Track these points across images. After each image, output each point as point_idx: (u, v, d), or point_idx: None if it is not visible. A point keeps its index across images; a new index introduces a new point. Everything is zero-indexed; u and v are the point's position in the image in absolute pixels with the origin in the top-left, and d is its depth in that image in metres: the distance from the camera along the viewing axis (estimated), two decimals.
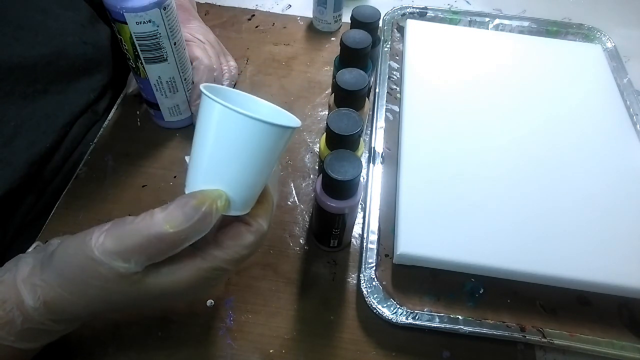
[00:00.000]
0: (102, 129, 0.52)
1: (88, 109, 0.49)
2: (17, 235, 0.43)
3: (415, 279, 0.41)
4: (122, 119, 0.53)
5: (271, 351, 0.38)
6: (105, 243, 0.26)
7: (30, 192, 0.44)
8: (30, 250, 0.33)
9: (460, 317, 0.39)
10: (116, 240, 0.26)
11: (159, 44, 0.42)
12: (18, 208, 0.43)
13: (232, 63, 0.55)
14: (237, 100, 0.28)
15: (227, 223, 0.29)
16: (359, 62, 0.41)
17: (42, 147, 0.43)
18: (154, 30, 0.41)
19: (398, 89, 0.56)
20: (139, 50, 0.42)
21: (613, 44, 0.62)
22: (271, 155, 0.26)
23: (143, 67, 0.44)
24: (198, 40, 0.51)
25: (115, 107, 0.54)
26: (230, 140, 0.25)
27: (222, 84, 0.51)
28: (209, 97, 0.24)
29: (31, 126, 0.42)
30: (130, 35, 0.41)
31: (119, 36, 0.42)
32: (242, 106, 0.25)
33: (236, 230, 0.28)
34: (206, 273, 0.27)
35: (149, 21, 0.40)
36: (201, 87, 0.25)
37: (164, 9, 0.40)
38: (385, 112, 0.53)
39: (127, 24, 0.40)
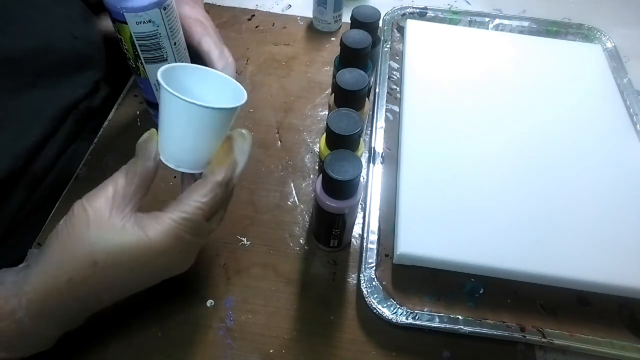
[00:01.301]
0: (102, 129, 0.52)
1: (79, 104, 0.49)
2: (13, 230, 0.43)
3: (415, 279, 0.41)
4: (122, 119, 0.53)
5: (271, 351, 0.38)
6: (91, 196, 0.30)
7: (19, 187, 0.43)
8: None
9: (460, 317, 0.39)
10: (92, 196, 0.30)
11: (159, 44, 0.42)
12: (6, 201, 0.42)
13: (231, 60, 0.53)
14: (193, 74, 0.34)
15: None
16: (359, 62, 0.41)
17: (28, 140, 0.42)
18: (154, 30, 0.41)
19: (398, 89, 0.56)
20: (139, 50, 0.42)
21: (613, 44, 0.62)
22: (207, 128, 0.31)
23: (143, 67, 0.44)
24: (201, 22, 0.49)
25: (115, 107, 0.54)
26: (170, 112, 0.31)
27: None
28: (158, 80, 0.30)
29: (16, 120, 0.41)
30: (130, 35, 0.40)
31: (119, 36, 0.42)
32: (197, 78, 0.33)
33: (193, 185, 0.32)
34: (177, 225, 0.30)
35: (149, 21, 0.40)
36: (159, 71, 0.30)
37: (164, 9, 0.40)
38: (385, 112, 0.53)
39: (127, 24, 0.40)
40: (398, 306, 0.39)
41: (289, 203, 0.47)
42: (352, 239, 0.44)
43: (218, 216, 0.34)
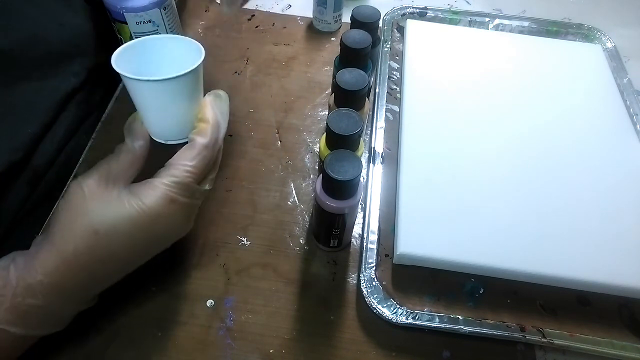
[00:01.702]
0: (100, 124, 0.52)
1: (75, 95, 0.48)
2: (16, 225, 0.43)
3: (415, 279, 0.41)
4: (120, 113, 0.53)
5: (271, 351, 0.38)
6: (86, 174, 0.32)
7: (21, 182, 0.43)
8: None
9: (460, 317, 0.39)
10: (86, 175, 0.32)
11: None
12: (7, 197, 0.42)
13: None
14: (152, 46, 0.34)
15: None
16: (359, 62, 0.41)
17: (25, 133, 0.42)
18: (154, 31, 0.41)
19: (398, 89, 0.56)
20: None
21: (613, 44, 0.62)
22: (172, 99, 0.32)
23: None
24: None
25: (112, 100, 0.54)
26: (134, 93, 0.32)
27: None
28: (111, 64, 0.30)
29: (11, 113, 0.41)
30: (131, 35, 0.41)
31: (119, 36, 0.42)
32: (157, 47, 0.33)
33: (180, 150, 0.33)
34: (170, 189, 0.31)
35: (149, 21, 0.40)
36: (114, 54, 0.31)
37: (164, 9, 0.40)
38: (385, 112, 0.53)
39: (127, 23, 0.40)
40: (398, 306, 0.39)
41: (289, 203, 0.47)
42: (352, 239, 0.44)
43: (210, 178, 0.35)
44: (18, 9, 0.42)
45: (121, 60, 0.31)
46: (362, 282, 0.40)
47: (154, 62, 0.33)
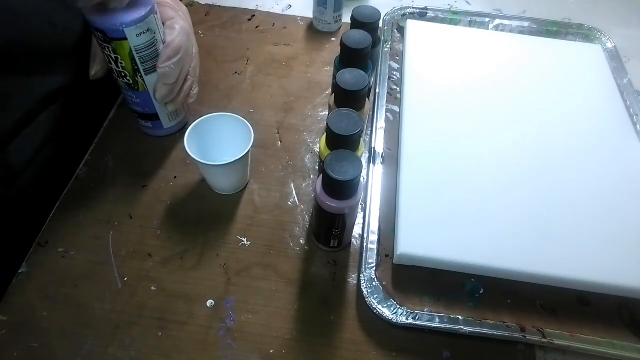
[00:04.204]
0: (102, 130, 0.52)
1: (57, 96, 0.47)
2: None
3: (415, 279, 0.41)
4: (122, 118, 0.53)
5: (271, 351, 0.38)
6: None
7: None
8: None
9: (460, 317, 0.39)
10: None
11: (156, 50, 0.41)
12: None
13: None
14: (212, 122, 0.44)
15: None
16: (359, 62, 0.41)
17: None
18: (152, 38, 0.40)
19: (398, 89, 0.56)
20: (138, 63, 0.41)
21: (613, 44, 0.62)
22: (227, 170, 0.43)
23: (142, 80, 0.43)
24: (172, 5, 0.46)
25: (114, 107, 0.54)
26: (205, 171, 0.45)
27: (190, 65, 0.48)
28: (189, 154, 0.41)
29: None
30: (130, 49, 0.40)
31: (114, 56, 0.41)
32: (216, 123, 0.45)
33: None
34: None
35: (147, 30, 0.39)
36: (185, 138, 0.42)
37: (155, 13, 0.40)
38: (385, 112, 0.53)
39: (126, 39, 0.39)
40: (398, 306, 0.39)
41: (289, 203, 0.47)
42: (352, 239, 0.44)
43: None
44: (8, 6, 0.41)
45: (190, 140, 0.42)
46: (362, 282, 0.40)
47: (214, 136, 0.44)
